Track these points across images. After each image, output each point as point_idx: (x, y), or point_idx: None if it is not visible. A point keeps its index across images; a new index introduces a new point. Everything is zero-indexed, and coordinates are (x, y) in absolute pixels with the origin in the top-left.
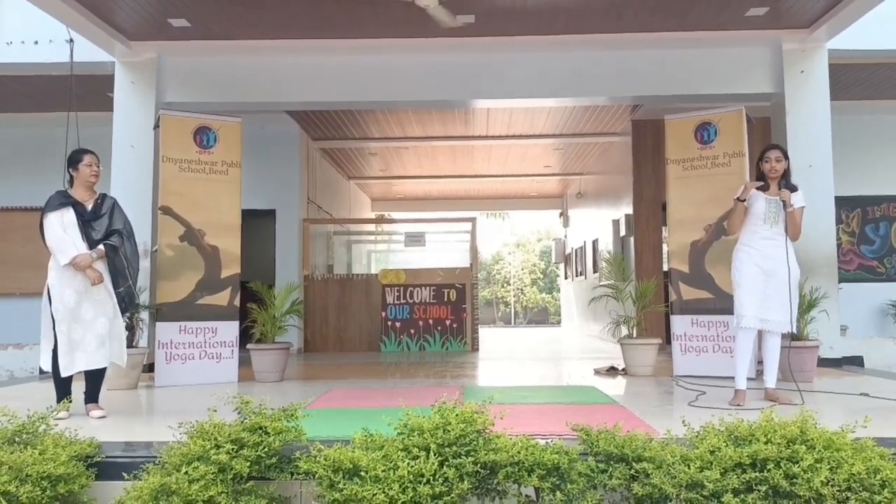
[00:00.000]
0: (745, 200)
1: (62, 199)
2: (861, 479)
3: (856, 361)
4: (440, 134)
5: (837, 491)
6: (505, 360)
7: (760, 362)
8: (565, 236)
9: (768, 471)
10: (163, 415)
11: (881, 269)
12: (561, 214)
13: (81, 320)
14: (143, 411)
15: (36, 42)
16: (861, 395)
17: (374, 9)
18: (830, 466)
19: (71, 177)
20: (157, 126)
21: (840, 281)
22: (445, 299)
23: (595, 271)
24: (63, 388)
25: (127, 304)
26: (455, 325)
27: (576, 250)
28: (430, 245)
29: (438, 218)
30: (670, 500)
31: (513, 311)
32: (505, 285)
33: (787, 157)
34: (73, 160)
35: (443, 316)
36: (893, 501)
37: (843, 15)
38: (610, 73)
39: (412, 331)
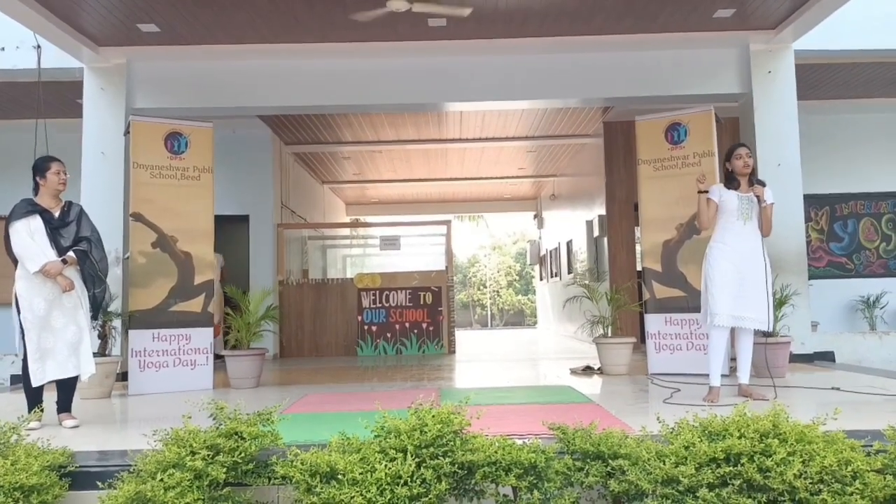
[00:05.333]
0: (706, 192)
1: (29, 207)
2: (833, 472)
3: (827, 356)
4: (414, 137)
5: (810, 483)
6: (482, 361)
7: (734, 359)
8: (540, 238)
9: (742, 465)
10: (137, 423)
11: (850, 266)
12: (535, 216)
13: (51, 328)
14: (116, 420)
15: (2, 48)
16: (832, 389)
17: (346, 12)
18: (803, 459)
19: (37, 184)
20: (127, 132)
21: (810, 278)
22: (421, 302)
23: (570, 272)
24: (34, 397)
25: (101, 306)
26: (431, 328)
27: (551, 252)
28: (406, 248)
29: (413, 221)
30: (646, 496)
31: (489, 313)
32: (481, 288)
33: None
34: (40, 168)
35: (419, 319)
36: (865, 492)
37: (807, 16)
38: (581, 75)
39: (388, 334)
